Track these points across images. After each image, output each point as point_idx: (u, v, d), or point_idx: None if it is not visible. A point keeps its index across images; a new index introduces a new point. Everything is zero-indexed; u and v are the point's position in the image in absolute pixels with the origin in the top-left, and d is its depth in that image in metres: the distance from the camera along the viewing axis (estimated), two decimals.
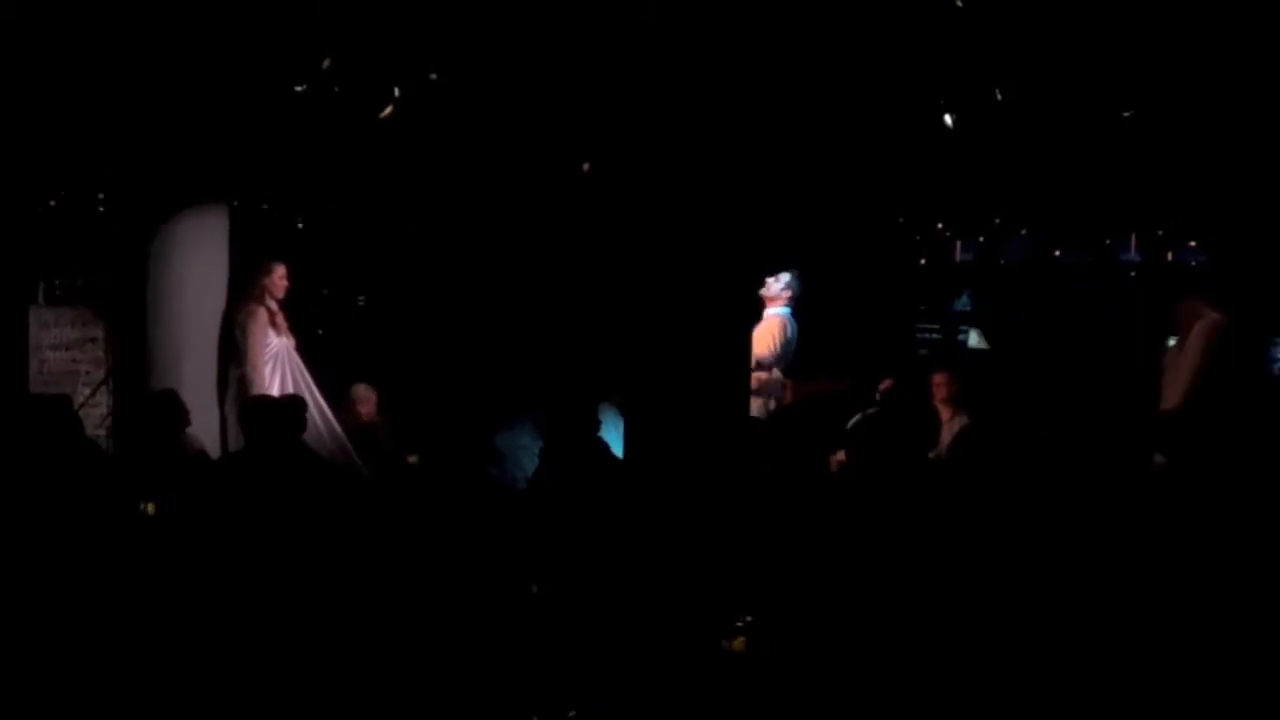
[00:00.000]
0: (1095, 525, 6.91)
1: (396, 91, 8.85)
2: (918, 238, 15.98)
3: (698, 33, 7.91)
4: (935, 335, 17.27)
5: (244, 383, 10.67)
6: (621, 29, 8.07)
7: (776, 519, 7.15)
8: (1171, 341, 9.94)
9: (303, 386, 10.79)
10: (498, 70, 8.74)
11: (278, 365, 10.82)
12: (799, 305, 11.87)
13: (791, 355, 11.72)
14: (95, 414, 11.36)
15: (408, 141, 9.91)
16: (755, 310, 11.12)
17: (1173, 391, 9.32)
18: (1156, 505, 7.36)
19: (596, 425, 8.81)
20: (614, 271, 9.25)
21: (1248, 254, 15.14)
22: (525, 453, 9.72)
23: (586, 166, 10.05)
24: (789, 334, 11.56)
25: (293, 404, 8.87)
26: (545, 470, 8.72)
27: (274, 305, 10.96)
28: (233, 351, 10.85)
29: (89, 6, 8.10)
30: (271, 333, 10.86)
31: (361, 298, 13.66)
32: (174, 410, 9.24)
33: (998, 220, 15.61)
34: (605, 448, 8.77)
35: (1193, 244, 16.16)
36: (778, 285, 11.45)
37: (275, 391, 10.49)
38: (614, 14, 7.99)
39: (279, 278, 11.02)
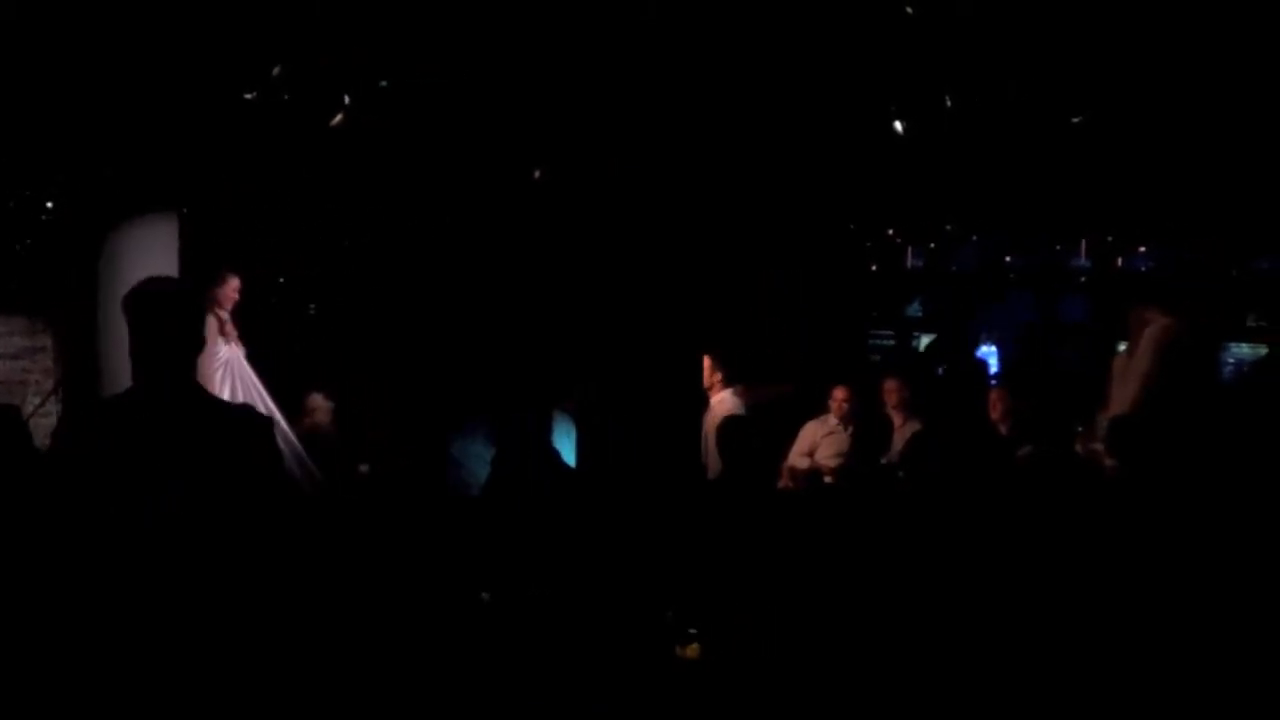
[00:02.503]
0: (1049, 530, 6.92)
1: (347, 99, 8.83)
2: (869, 244, 16.04)
3: (649, 45, 7.91)
4: (888, 341, 17.34)
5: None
6: (576, 40, 8.07)
7: (730, 526, 7.15)
8: (1122, 347, 9.98)
9: (254, 395, 10.74)
10: (446, 79, 8.72)
11: (227, 374, 10.77)
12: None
13: None
14: (45, 424, 11.28)
15: (358, 148, 9.89)
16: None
17: (1123, 397, 9.34)
18: (1110, 510, 7.39)
19: (550, 431, 8.80)
20: (568, 277, 9.24)
21: (1197, 259, 15.25)
22: (478, 459, 9.70)
23: (538, 173, 10.04)
24: None
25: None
26: (498, 476, 8.70)
27: (224, 314, 10.90)
28: None
29: (39, 13, 8.04)
30: (220, 341, 10.80)
31: (312, 306, 13.60)
32: None
33: (949, 227, 15.68)
34: (557, 454, 8.76)
35: (1142, 250, 16.27)
36: None
37: (239, 397, 10.45)
38: (568, 25, 8.00)
39: (231, 290, 10.97)
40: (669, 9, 7.77)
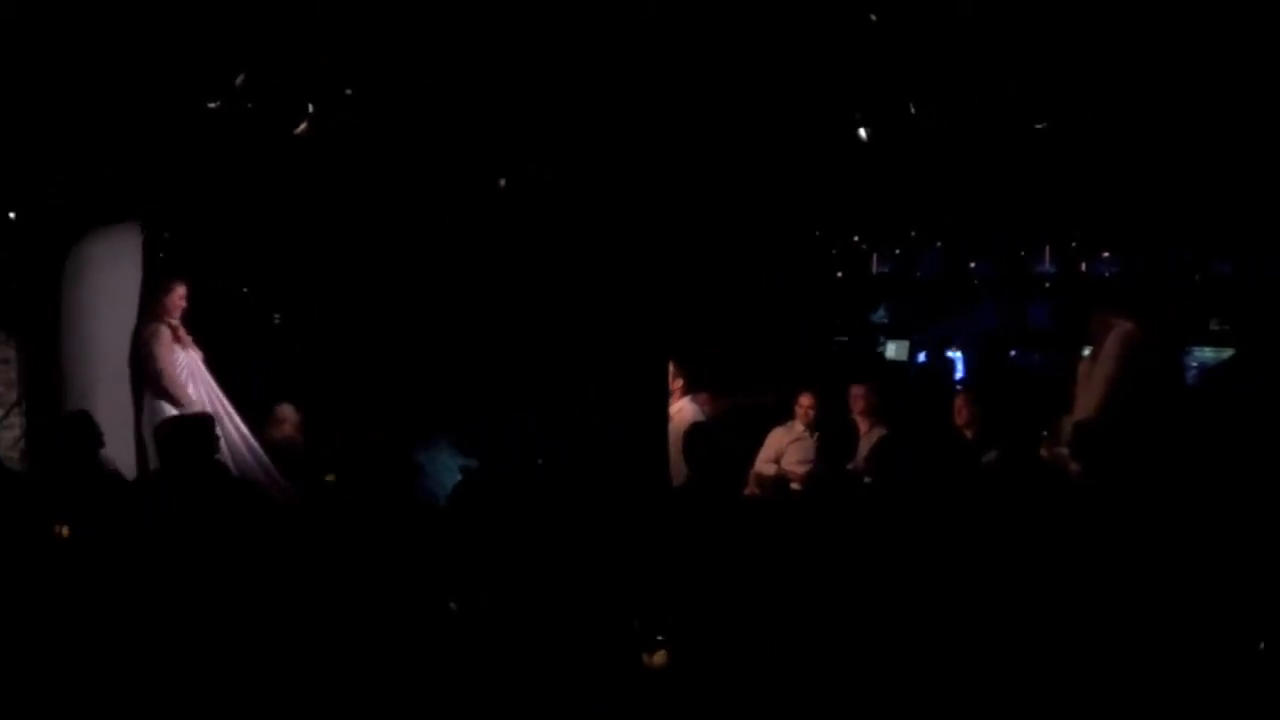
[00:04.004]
0: (1015, 534, 6.95)
1: (311, 108, 8.82)
2: (835, 251, 16.07)
3: (621, 52, 7.93)
4: (855, 347, 17.36)
5: (158, 401, 10.58)
6: (547, 46, 8.08)
7: (696, 533, 7.15)
8: (1086, 352, 10.02)
9: (215, 401, 10.72)
10: (415, 84, 8.72)
11: (189, 379, 10.75)
12: None
13: None
14: (8, 436, 11.22)
15: (323, 157, 9.87)
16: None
17: (1088, 401, 9.38)
18: (1074, 513, 7.42)
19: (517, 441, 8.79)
20: (533, 286, 9.24)
21: (1160, 263, 15.31)
22: (445, 469, 9.68)
23: (502, 182, 10.04)
24: None
25: (205, 421, 8.78)
26: (467, 483, 8.69)
27: (174, 322, 10.87)
28: (143, 372, 10.75)
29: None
30: (178, 348, 10.78)
31: (277, 316, 13.55)
32: (88, 432, 9.14)
33: (913, 233, 15.72)
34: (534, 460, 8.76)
35: (1106, 255, 16.33)
36: None
37: (194, 405, 10.41)
38: (543, 31, 8.01)
39: (178, 297, 10.93)
40: (642, 17, 7.80)
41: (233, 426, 10.62)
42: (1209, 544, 6.78)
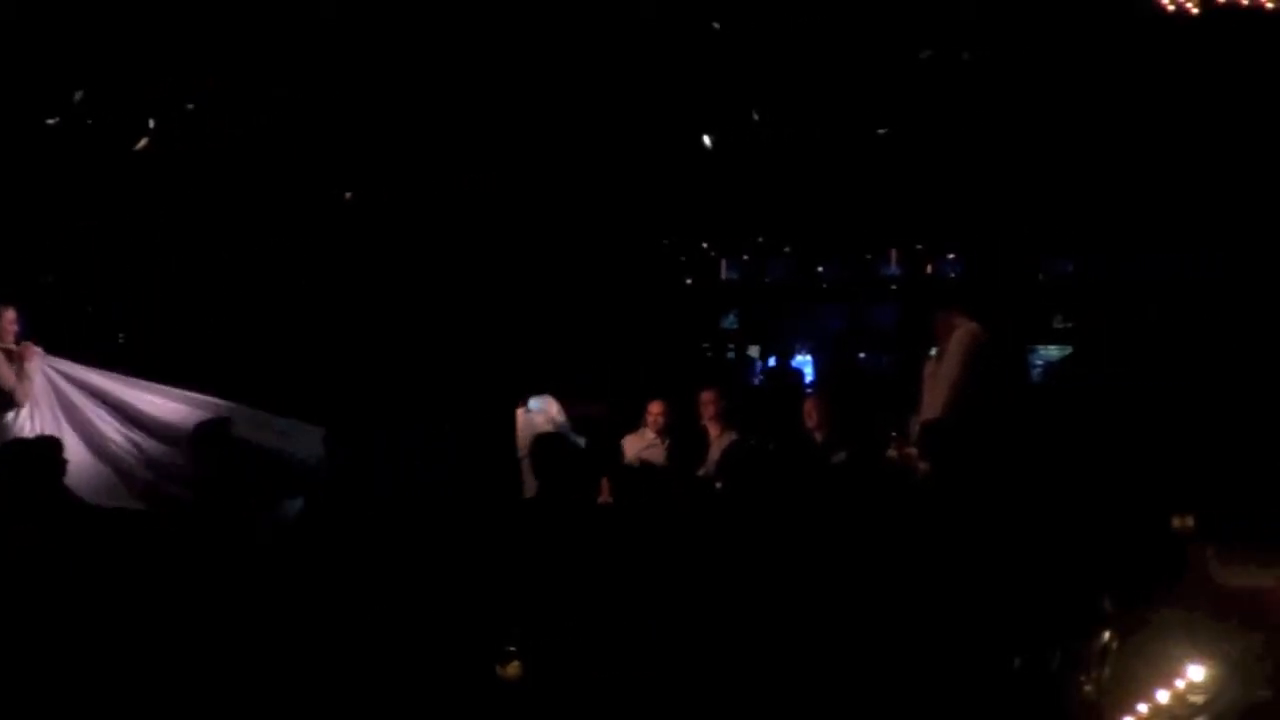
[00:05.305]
0: (864, 533, 7.01)
1: (151, 123, 8.72)
2: (683, 258, 16.13)
3: (457, 60, 7.90)
4: (706, 353, 17.43)
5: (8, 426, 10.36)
6: (380, 54, 8.05)
7: (548, 542, 7.15)
8: (933, 352, 10.12)
9: (61, 420, 10.46)
10: (248, 106, 8.66)
11: (34, 404, 10.51)
12: None
13: None
14: None
15: (164, 173, 9.76)
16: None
17: (934, 401, 9.47)
18: (922, 512, 7.50)
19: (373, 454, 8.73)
20: (376, 296, 9.18)
21: (1003, 264, 15.55)
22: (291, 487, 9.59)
23: (349, 195, 9.97)
24: None
25: (46, 445, 8.59)
26: (314, 502, 8.63)
27: (8, 345, 10.65)
28: None
29: None
30: (22, 377, 10.54)
31: (121, 336, 13.34)
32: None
33: (761, 239, 15.84)
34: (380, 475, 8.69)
35: (951, 256, 16.56)
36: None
37: (48, 426, 10.19)
38: (377, 41, 7.98)
39: (9, 322, 10.70)
40: (489, 27, 7.79)
41: (121, 440, 10.33)
42: (1052, 536, 6.88)
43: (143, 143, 8.78)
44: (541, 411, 10.72)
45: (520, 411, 10.48)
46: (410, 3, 7.96)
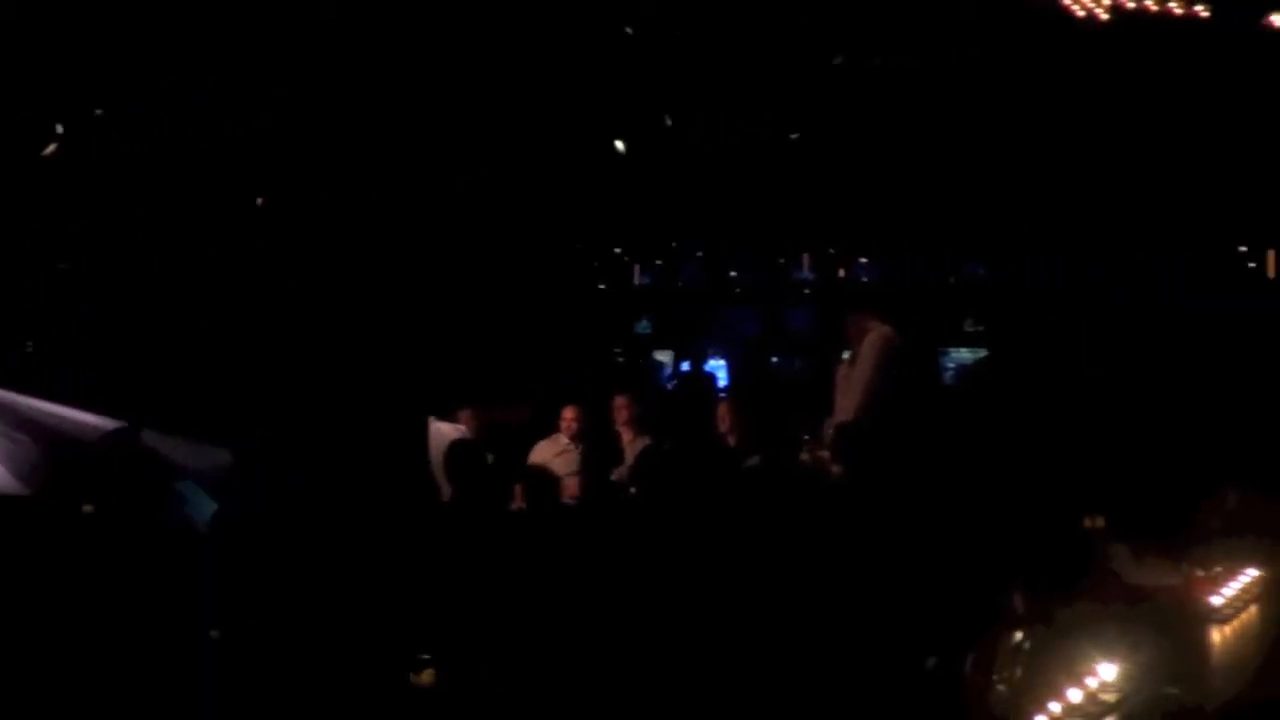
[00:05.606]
0: (775, 535, 7.01)
1: (60, 129, 8.62)
2: (596, 263, 16.11)
3: (365, 63, 7.86)
4: (618, 358, 17.41)
5: None
6: (282, 64, 7.99)
7: (462, 549, 7.11)
8: (845, 355, 10.16)
9: None
10: (155, 112, 8.58)
11: None
12: None
13: None
14: None
15: (70, 179, 9.65)
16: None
17: (847, 405, 9.51)
18: (835, 515, 7.51)
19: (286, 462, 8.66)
20: (280, 305, 9.12)
21: (915, 268, 15.65)
22: (201, 497, 9.50)
23: (260, 200, 9.90)
24: None
25: None
26: (225, 510, 8.54)
27: None
28: None
29: None
30: None
31: (30, 344, 13.19)
32: None
33: (674, 244, 15.85)
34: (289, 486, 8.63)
35: (864, 260, 16.63)
36: None
37: None
38: (274, 53, 7.92)
39: None
40: (396, 31, 7.75)
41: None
42: (964, 539, 6.92)
43: (51, 148, 8.69)
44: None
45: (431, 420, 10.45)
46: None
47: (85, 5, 8.31)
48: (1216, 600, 8.65)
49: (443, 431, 10.15)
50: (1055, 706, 6.05)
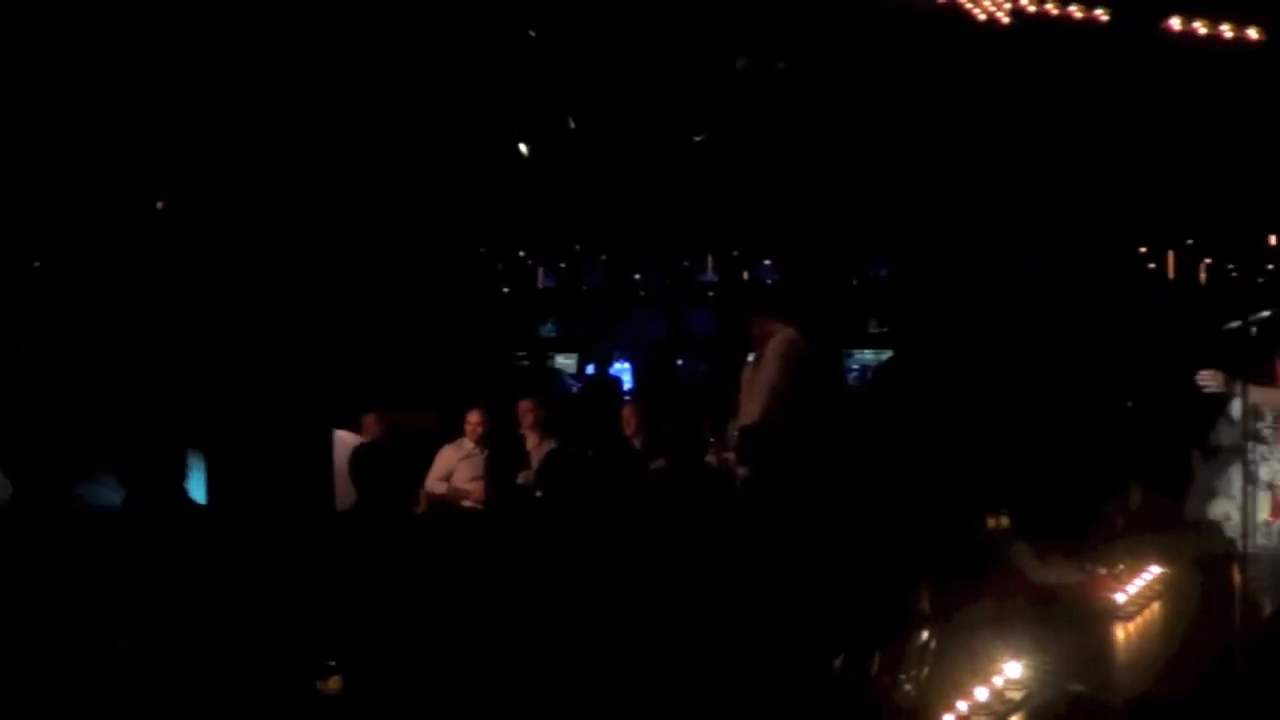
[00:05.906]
0: (681, 538, 7.01)
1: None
2: (500, 266, 16.09)
3: (266, 67, 7.80)
4: (524, 362, 17.39)
5: None
6: (185, 73, 7.93)
7: (365, 554, 7.05)
8: (750, 357, 10.17)
9: None
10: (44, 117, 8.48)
11: None
12: None
13: None
14: None
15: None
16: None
17: (752, 407, 9.51)
18: (740, 517, 7.52)
19: (183, 472, 8.55)
20: (187, 310, 9.02)
21: (818, 270, 15.72)
22: (107, 503, 9.38)
23: (160, 204, 9.79)
24: None
25: None
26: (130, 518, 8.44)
27: None
28: None
29: None
30: None
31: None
32: None
33: (578, 247, 15.84)
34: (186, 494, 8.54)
35: (768, 263, 16.70)
36: None
37: None
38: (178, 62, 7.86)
39: None
40: (297, 35, 7.69)
41: None
42: (868, 540, 6.94)
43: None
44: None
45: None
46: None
47: (85, 5, 8.20)
48: (1120, 598, 8.76)
49: (345, 440, 10.09)
50: (962, 705, 6.09)
